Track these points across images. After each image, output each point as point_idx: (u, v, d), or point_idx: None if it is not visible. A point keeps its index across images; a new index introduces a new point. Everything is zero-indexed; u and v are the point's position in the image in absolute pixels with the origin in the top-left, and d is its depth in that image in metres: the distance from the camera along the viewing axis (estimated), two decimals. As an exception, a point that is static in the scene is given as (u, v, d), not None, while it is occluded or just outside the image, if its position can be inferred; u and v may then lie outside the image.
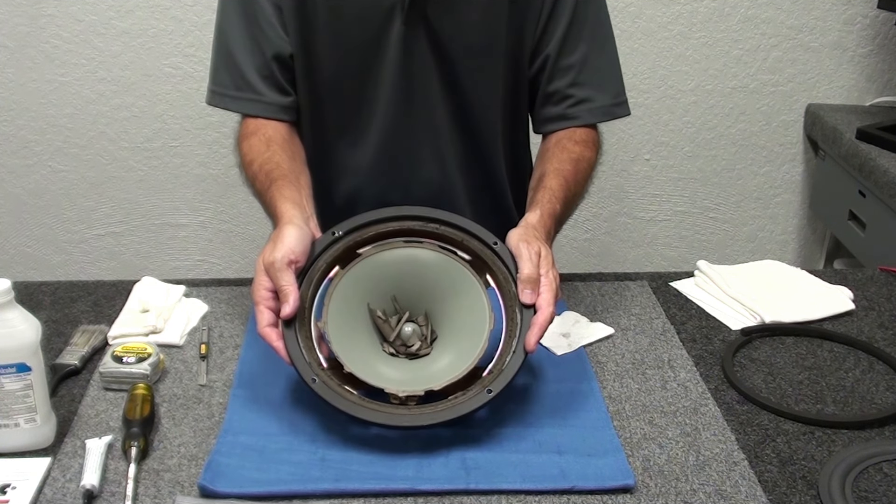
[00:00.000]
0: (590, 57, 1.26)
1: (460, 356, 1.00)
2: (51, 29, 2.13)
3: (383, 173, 1.28)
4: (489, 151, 1.31)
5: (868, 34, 2.25)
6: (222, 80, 1.24)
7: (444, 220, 1.07)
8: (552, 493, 0.88)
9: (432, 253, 1.06)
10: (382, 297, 1.06)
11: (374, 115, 1.25)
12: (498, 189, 1.35)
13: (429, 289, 1.06)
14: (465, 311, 1.03)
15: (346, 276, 1.04)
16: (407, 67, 1.21)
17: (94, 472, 0.89)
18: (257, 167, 1.17)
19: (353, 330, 1.02)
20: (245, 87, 1.23)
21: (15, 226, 2.34)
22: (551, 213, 1.13)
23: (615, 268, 2.45)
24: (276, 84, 1.23)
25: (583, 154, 1.25)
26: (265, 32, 1.21)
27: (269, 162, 1.17)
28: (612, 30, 1.30)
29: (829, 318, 1.24)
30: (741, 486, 0.90)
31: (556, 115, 1.28)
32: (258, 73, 1.22)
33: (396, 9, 1.18)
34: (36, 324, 0.92)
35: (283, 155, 1.18)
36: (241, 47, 1.22)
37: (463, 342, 1.01)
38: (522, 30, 1.23)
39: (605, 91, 1.28)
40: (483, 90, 1.25)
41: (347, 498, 0.87)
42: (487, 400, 0.94)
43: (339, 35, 1.20)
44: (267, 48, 1.21)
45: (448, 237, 1.06)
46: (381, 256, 1.05)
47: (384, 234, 1.06)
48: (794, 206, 2.44)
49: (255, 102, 1.23)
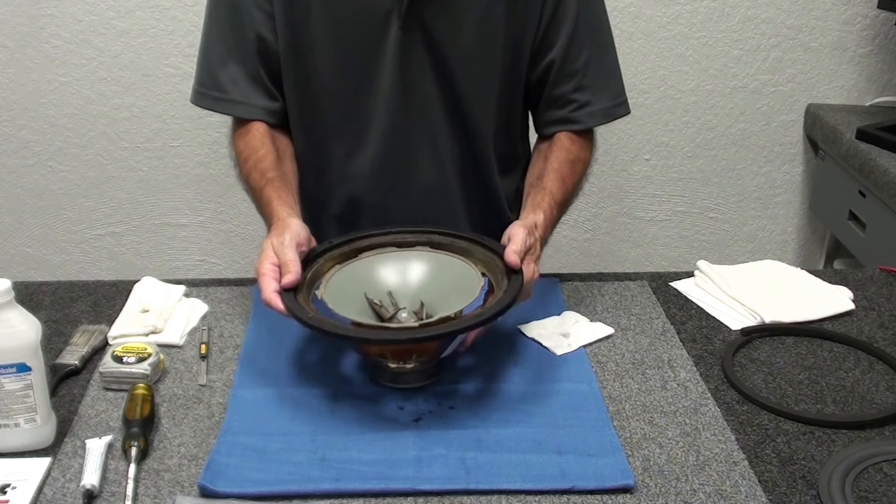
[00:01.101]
0: (593, 61, 1.27)
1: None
2: (51, 29, 2.13)
3: (380, 178, 1.28)
4: (484, 154, 1.31)
5: (868, 34, 2.25)
6: (207, 81, 1.25)
7: (434, 230, 1.13)
8: (552, 493, 0.88)
9: (425, 253, 1.11)
10: (379, 293, 1.08)
11: (371, 121, 1.24)
12: (492, 191, 1.35)
13: (424, 284, 1.09)
14: (461, 293, 1.04)
15: (343, 270, 1.08)
16: (404, 72, 1.20)
17: (94, 472, 0.89)
18: (251, 164, 1.20)
19: (351, 314, 1.02)
20: (231, 90, 1.23)
21: (15, 226, 2.34)
22: (550, 219, 1.18)
23: (615, 268, 2.45)
24: (264, 88, 1.24)
25: (579, 155, 1.28)
26: (251, 37, 1.21)
27: (264, 160, 1.19)
28: (612, 31, 1.30)
29: (829, 318, 1.24)
30: (741, 486, 0.91)
31: (559, 119, 1.29)
32: (246, 77, 1.23)
33: (393, 14, 1.17)
34: (36, 324, 0.92)
35: (276, 153, 1.21)
36: (228, 50, 1.22)
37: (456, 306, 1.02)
38: (520, 34, 1.23)
39: (607, 94, 1.29)
40: (480, 94, 1.25)
41: (347, 498, 0.87)
42: (488, 317, 0.96)
43: (334, 41, 1.20)
44: (253, 51, 1.21)
45: (438, 242, 1.12)
46: (377, 258, 1.11)
47: (377, 244, 1.12)
48: (794, 206, 2.44)
49: (242, 105, 1.24)
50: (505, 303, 0.98)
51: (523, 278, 1.02)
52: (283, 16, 1.20)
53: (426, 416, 0.99)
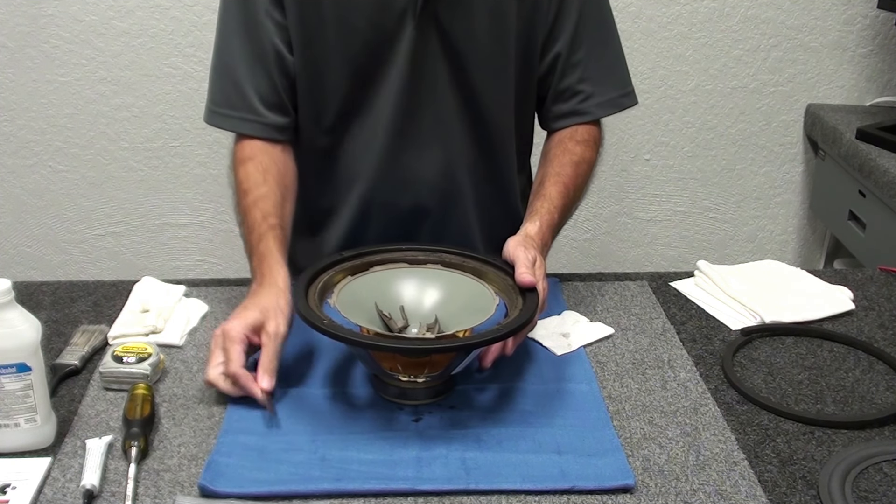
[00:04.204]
0: (597, 51, 1.27)
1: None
2: (51, 29, 2.13)
3: (393, 178, 1.26)
4: (501, 153, 1.31)
5: (868, 34, 2.25)
6: (219, 98, 1.23)
7: (446, 249, 1.12)
8: (552, 493, 0.88)
9: (438, 271, 1.10)
10: (390, 306, 1.07)
11: (383, 120, 1.23)
12: (508, 191, 1.35)
13: (438, 300, 1.08)
14: (475, 311, 1.03)
15: (356, 282, 1.07)
16: (418, 71, 1.19)
17: (94, 472, 0.89)
18: (251, 201, 1.16)
19: (362, 324, 1.02)
20: (243, 107, 1.21)
21: (15, 226, 2.34)
22: (549, 224, 1.17)
23: (615, 268, 2.45)
24: (277, 104, 1.22)
25: (584, 156, 1.27)
26: (266, 50, 1.19)
27: (266, 199, 1.16)
28: (615, 21, 1.31)
29: (829, 318, 1.24)
30: (741, 486, 0.90)
31: (567, 112, 1.29)
32: (257, 93, 1.20)
33: (408, 13, 1.16)
34: (36, 324, 0.92)
35: (279, 194, 1.18)
36: (241, 65, 1.20)
37: (470, 324, 1.02)
38: (531, 28, 1.23)
39: (613, 84, 1.30)
40: (495, 91, 1.25)
41: (347, 498, 0.87)
42: (501, 334, 0.96)
43: (347, 43, 1.18)
44: (268, 66, 1.20)
45: (450, 261, 1.11)
46: (390, 272, 1.10)
47: (388, 260, 1.10)
48: (794, 206, 2.44)
49: (253, 123, 1.21)
50: (524, 319, 0.98)
51: (539, 296, 1.02)
52: (296, 22, 1.18)
53: (426, 416, 0.99)
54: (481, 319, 1.01)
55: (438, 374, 1.00)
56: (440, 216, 1.29)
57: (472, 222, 1.32)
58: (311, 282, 1.03)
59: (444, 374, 1.01)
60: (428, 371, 1.00)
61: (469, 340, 0.98)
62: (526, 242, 1.09)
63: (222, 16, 1.22)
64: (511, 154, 1.32)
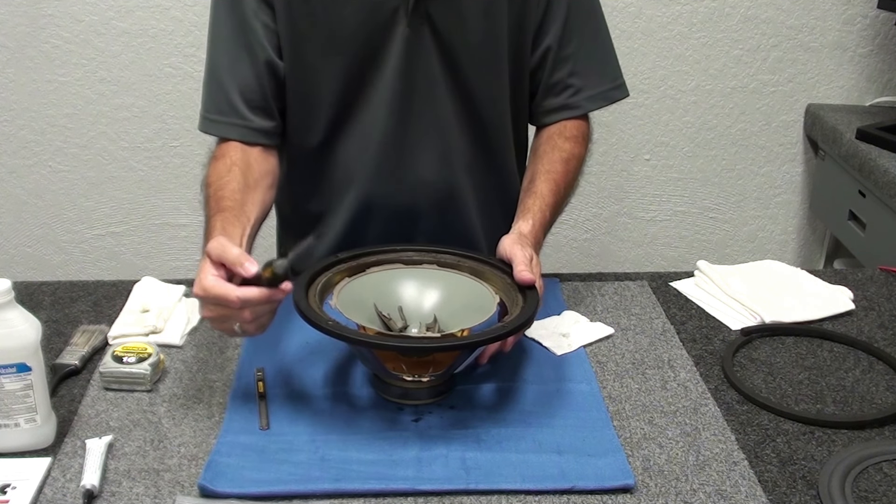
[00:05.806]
0: (587, 45, 1.28)
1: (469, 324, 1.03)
2: (51, 29, 2.13)
3: (389, 178, 1.26)
4: (499, 148, 1.31)
5: (868, 34, 2.25)
6: (210, 104, 1.22)
7: (441, 250, 1.12)
8: (552, 493, 0.88)
9: (436, 271, 1.10)
10: (389, 306, 1.07)
11: (378, 120, 1.23)
12: (508, 186, 1.34)
13: (437, 300, 1.08)
14: (474, 310, 1.03)
15: (354, 283, 1.07)
16: (411, 69, 1.20)
17: (94, 472, 0.89)
18: (212, 191, 1.15)
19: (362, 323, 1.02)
20: (229, 111, 1.20)
21: (15, 226, 2.34)
22: (542, 222, 1.18)
23: (615, 268, 2.45)
24: (262, 107, 1.21)
25: (573, 152, 1.28)
26: (255, 53, 1.19)
27: (224, 188, 1.14)
28: (604, 14, 1.31)
29: (829, 318, 1.24)
30: (741, 486, 0.90)
31: (557, 106, 1.29)
32: (241, 95, 1.20)
33: (400, 11, 1.16)
34: (36, 324, 0.92)
35: (242, 182, 1.15)
36: (229, 69, 1.20)
37: (470, 322, 1.02)
38: (522, 22, 1.24)
39: (603, 77, 1.30)
40: (490, 86, 1.25)
41: (347, 498, 0.87)
42: (502, 333, 0.96)
43: (338, 42, 1.18)
44: (256, 68, 1.19)
45: (445, 261, 1.11)
46: (388, 272, 1.09)
47: (384, 261, 1.10)
48: (794, 206, 2.44)
49: (238, 127, 1.20)
50: (527, 316, 0.98)
51: (538, 292, 1.03)
52: (286, 23, 1.18)
53: (426, 416, 0.99)
54: (481, 318, 1.01)
55: (441, 374, 1.00)
56: (440, 216, 1.29)
57: (474, 221, 1.32)
58: (311, 283, 1.03)
59: (446, 374, 1.01)
60: (432, 370, 1.00)
61: (474, 338, 0.98)
62: (521, 240, 1.09)
63: (213, 21, 1.22)
64: (509, 150, 1.32)
